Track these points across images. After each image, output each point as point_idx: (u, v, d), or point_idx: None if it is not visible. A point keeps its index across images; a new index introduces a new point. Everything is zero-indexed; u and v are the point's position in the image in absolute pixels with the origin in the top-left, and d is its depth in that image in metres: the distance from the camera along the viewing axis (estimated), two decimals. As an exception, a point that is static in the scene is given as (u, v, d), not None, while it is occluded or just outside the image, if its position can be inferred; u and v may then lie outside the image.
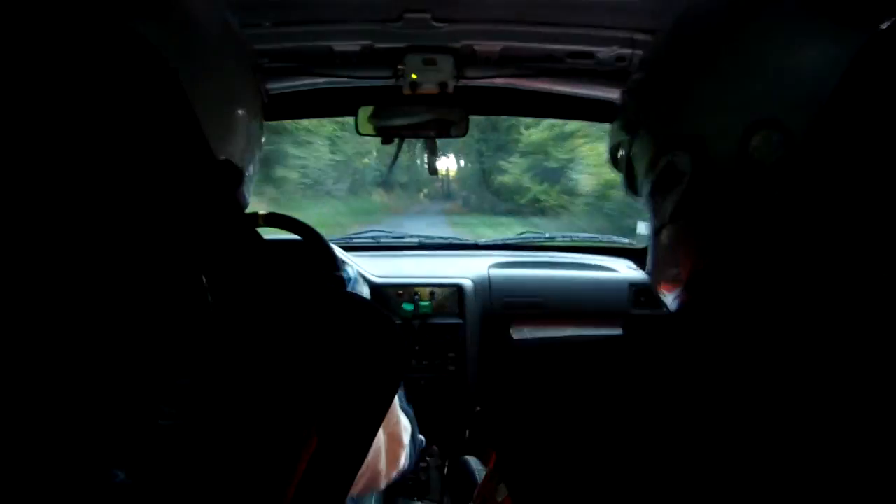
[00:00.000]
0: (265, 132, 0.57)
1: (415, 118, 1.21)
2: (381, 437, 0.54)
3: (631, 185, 0.48)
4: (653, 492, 0.33)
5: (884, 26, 0.33)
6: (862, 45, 0.33)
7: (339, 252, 1.21)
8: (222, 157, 0.47)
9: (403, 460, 0.60)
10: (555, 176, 7.32)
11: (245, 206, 0.54)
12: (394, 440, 0.57)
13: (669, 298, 0.44)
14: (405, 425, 0.62)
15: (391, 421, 0.57)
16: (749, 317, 0.35)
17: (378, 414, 0.48)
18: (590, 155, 6.29)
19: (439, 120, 1.22)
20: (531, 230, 3.39)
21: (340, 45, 1.05)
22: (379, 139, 1.26)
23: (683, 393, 0.34)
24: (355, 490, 0.53)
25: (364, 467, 0.50)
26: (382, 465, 0.55)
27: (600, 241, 1.82)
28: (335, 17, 0.97)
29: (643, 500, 0.33)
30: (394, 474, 0.58)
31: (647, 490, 0.33)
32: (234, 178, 0.49)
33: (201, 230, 0.42)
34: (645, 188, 0.45)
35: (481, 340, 1.42)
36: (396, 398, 0.58)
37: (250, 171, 0.54)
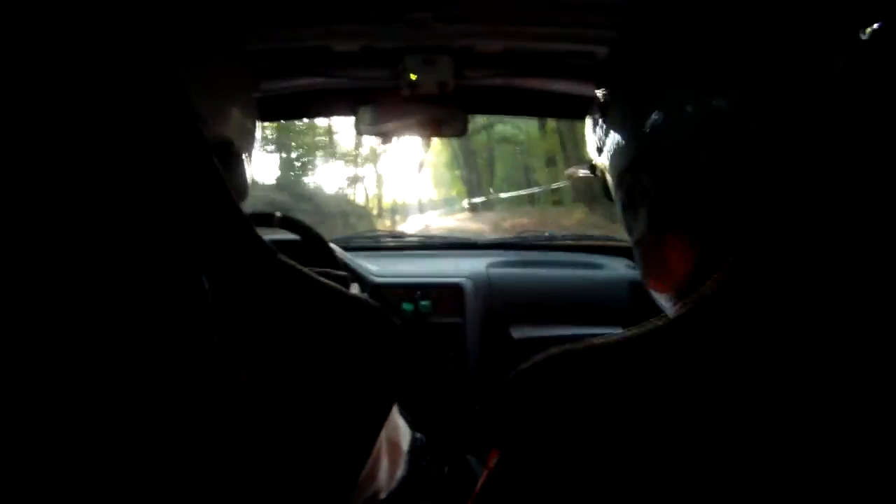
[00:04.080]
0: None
1: (414, 118, 1.21)
2: (382, 443, 0.53)
3: (608, 194, 0.48)
4: (655, 494, 0.33)
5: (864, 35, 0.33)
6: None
7: (339, 252, 1.22)
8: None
9: (402, 467, 0.59)
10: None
11: (246, 189, 0.55)
12: (393, 446, 0.56)
13: (665, 305, 0.45)
14: (404, 431, 0.61)
15: (390, 426, 0.55)
16: (741, 325, 0.35)
17: (380, 415, 0.48)
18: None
19: (438, 120, 1.22)
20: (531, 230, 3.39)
21: (339, 45, 1.05)
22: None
23: (687, 396, 0.34)
24: (358, 500, 0.52)
25: (365, 475, 0.49)
26: (384, 472, 0.54)
27: (600, 241, 1.82)
28: (334, 17, 0.97)
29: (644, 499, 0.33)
30: (394, 484, 0.57)
31: (650, 492, 0.33)
32: (230, 156, 0.50)
33: (203, 230, 0.42)
34: (618, 203, 0.45)
35: (481, 340, 1.42)
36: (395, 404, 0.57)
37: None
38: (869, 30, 0.32)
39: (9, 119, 0.35)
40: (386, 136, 1.25)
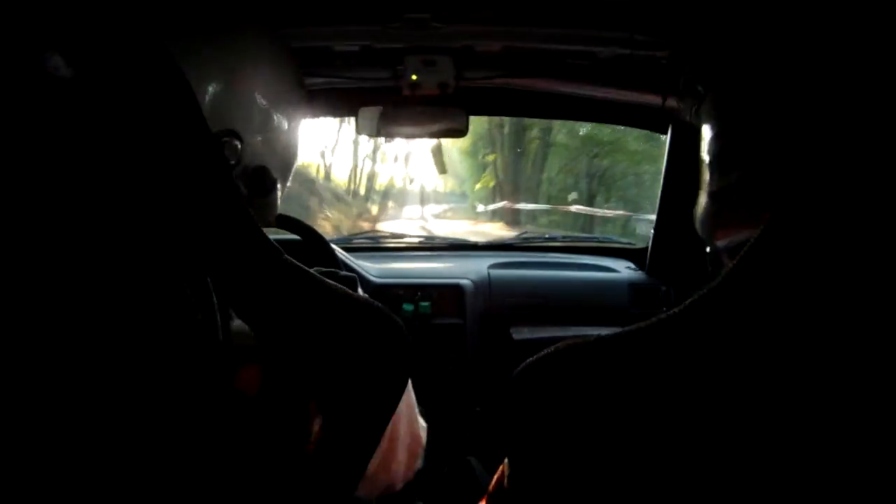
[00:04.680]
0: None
1: (415, 119, 1.21)
2: (402, 437, 0.55)
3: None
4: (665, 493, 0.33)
5: None
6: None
7: (340, 253, 1.22)
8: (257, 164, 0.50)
9: (420, 460, 0.61)
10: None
11: (275, 211, 0.56)
12: (414, 440, 0.58)
13: (712, 259, 0.44)
14: (423, 426, 0.63)
15: (412, 419, 0.57)
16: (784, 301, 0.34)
17: (384, 415, 0.48)
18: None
19: (439, 120, 1.23)
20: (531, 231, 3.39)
21: (340, 46, 1.05)
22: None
23: (699, 387, 0.34)
24: (374, 492, 0.54)
25: (379, 467, 0.51)
26: (402, 465, 0.56)
27: (600, 242, 1.82)
28: (334, 18, 0.97)
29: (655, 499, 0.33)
30: (411, 474, 0.59)
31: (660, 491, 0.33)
32: (264, 184, 0.51)
33: (208, 230, 0.42)
34: (706, 156, 0.44)
35: (481, 341, 1.41)
36: (413, 399, 0.59)
37: (286, 177, 0.57)
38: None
39: (19, 119, 0.36)
40: (387, 137, 1.26)
